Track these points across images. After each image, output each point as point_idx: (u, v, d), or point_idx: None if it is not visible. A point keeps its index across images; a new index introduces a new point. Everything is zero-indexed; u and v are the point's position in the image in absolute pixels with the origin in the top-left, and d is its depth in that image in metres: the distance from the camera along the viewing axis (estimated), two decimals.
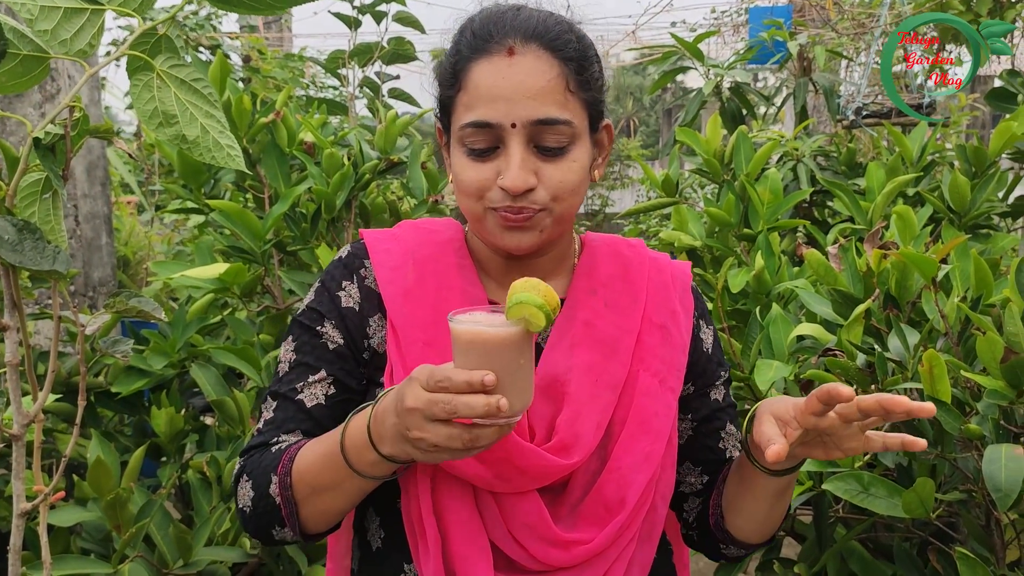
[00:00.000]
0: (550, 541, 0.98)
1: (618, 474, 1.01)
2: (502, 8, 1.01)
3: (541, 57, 0.96)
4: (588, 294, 1.07)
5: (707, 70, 3.39)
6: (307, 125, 2.51)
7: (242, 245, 2.34)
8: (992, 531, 1.56)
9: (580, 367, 1.03)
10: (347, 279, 1.09)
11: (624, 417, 1.03)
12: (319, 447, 0.97)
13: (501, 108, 0.95)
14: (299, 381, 1.06)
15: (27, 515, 1.31)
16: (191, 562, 1.69)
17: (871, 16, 3.83)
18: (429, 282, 1.05)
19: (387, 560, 1.05)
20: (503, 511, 0.98)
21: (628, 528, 1.01)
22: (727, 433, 1.16)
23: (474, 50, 0.98)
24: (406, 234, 1.12)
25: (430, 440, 0.81)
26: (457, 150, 1.00)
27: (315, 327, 1.08)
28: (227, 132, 1.28)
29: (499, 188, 0.97)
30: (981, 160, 2.43)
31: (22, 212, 1.23)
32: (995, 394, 1.34)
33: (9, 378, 1.26)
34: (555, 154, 0.97)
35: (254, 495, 1.01)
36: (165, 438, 2.09)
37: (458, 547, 0.97)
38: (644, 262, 1.12)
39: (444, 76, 1.02)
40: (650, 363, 1.05)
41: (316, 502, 0.97)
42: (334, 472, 0.94)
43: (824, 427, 0.89)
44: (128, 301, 1.23)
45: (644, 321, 1.07)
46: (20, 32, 1.17)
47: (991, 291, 1.59)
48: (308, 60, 4.43)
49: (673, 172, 2.47)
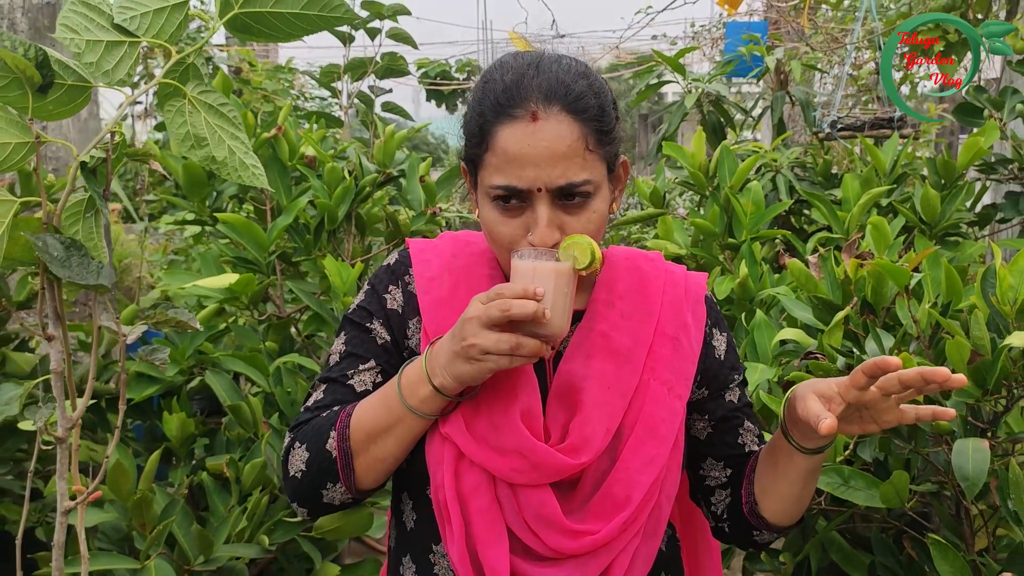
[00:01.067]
0: (560, 530, 1.06)
1: (626, 474, 1.09)
2: (522, 66, 1.07)
3: (563, 121, 1.03)
4: (606, 306, 1.16)
5: (688, 83, 3.51)
6: (308, 139, 2.60)
7: (247, 256, 2.43)
8: (962, 520, 1.68)
9: (594, 375, 1.11)
10: (393, 284, 1.20)
11: (633, 422, 1.11)
12: (375, 396, 1.10)
13: (528, 174, 1.03)
14: (350, 368, 1.17)
15: (67, 513, 1.39)
16: (211, 558, 1.78)
17: (844, 31, 3.98)
18: (462, 290, 1.15)
19: (419, 539, 1.16)
20: (519, 501, 1.07)
21: (633, 523, 1.09)
22: (745, 430, 1.25)
23: (498, 113, 1.05)
24: (445, 245, 1.22)
25: (481, 345, 0.96)
26: (486, 202, 1.09)
27: (365, 323, 1.19)
28: (251, 152, 1.37)
29: (528, 242, 1.06)
30: (950, 173, 2.57)
31: (67, 230, 1.32)
32: (963, 393, 1.46)
33: (54, 385, 1.34)
34: (577, 208, 1.06)
35: (308, 456, 1.10)
36: (176, 442, 2.17)
37: (479, 531, 1.07)
38: (660, 276, 1.20)
39: (471, 133, 1.09)
40: (660, 372, 1.13)
41: (371, 449, 1.08)
42: (389, 413, 1.07)
43: (866, 400, 0.99)
44: (167, 312, 1.32)
45: (657, 333, 1.15)
46: (64, 63, 1.26)
47: (960, 298, 1.71)
48: (300, 73, 4.52)
49: (660, 184, 2.58)
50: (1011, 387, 1.48)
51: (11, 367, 2.30)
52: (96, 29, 1.23)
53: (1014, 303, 1.47)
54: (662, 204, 2.61)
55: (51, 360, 1.34)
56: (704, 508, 1.28)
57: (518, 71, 1.07)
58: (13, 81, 1.20)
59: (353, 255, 2.65)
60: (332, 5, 1.29)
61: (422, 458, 1.11)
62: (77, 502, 1.38)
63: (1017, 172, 2.77)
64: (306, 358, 2.32)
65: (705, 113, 3.50)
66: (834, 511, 1.88)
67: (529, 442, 1.06)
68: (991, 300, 1.52)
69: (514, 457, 1.06)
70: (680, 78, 3.50)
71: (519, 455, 1.06)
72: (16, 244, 1.26)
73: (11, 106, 1.21)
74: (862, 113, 3.56)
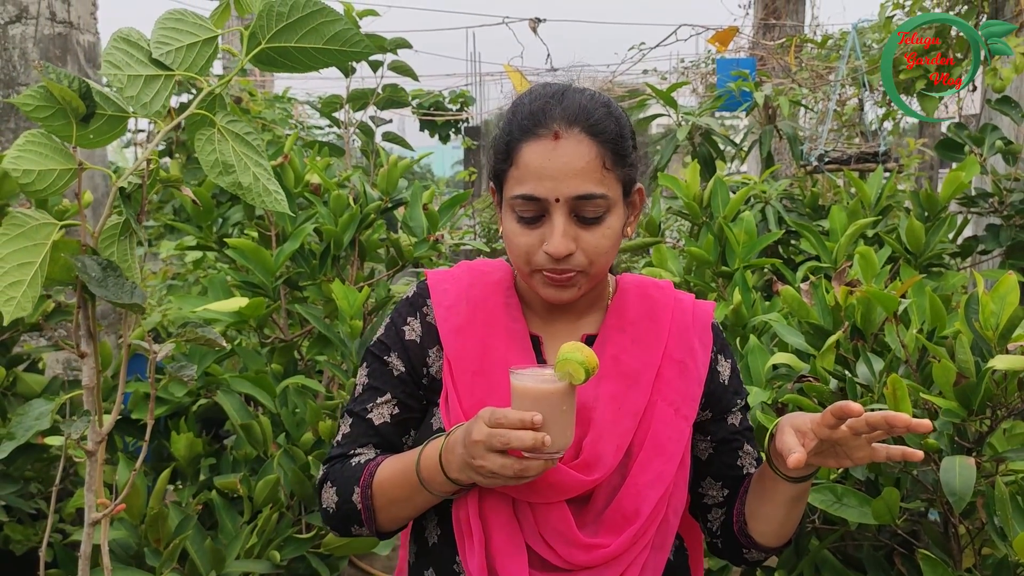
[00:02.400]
0: (575, 544, 1.13)
1: (635, 490, 1.15)
2: (549, 92, 1.16)
3: (582, 141, 1.11)
4: (617, 331, 1.23)
5: (679, 117, 3.62)
6: (314, 167, 2.68)
7: (253, 280, 2.49)
8: (950, 538, 1.76)
9: (605, 397, 1.17)
10: (411, 315, 1.27)
11: (642, 441, 1.17)
12: (397, 466, 1.17)
13: (547, 186, 1.10)
14: (369, 402, 1.26)
15: (95, 525, 1.44)
16: (223, 574, 1.82)
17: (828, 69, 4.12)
18: (479, 319, 1.22)
19: (441, 554, 1.21)
20: (536, 517, 1.14)
21: (642, 536, 1.15)
22: (744, 452, 1.31)
23: (524, 132, 1.13)
24: (463, 275, 1.28)
25: (488, 467, 1.01)
26: (508, 215, 1.16)
27: (383, 356, 1.26)
28: (273, 179, 1.44)
29: (544, 252, 1.12)
30: (933, 206, 2.67)
31: (103, 252, 1.38)
32: (950, 413, 1.54)
33: (85, 399, 1.40)
34: (592, 223, 1.13)
35: (338, 499, 1.21)
36: (184, 461, 2.22)
37: (499, 546, 1.13)
38: (669, 303, 1.27)
39: (498, 151, 1.18)
40: (667, 394, 1.20)
41: (391, 510, 1.18)
42: (408, 489, 1.14)
43: (836, 438, 1.06)
44: (197, 331, 1.38)
45: (665, 357, 1.22)
46: (104, 95, 1.33)
47: (944, 324, 1.80)
48: (299, 102, 4.62)
49: (656, 214, 2.67)
50: (995, 408, 1.56)
51: (21, 387, 2.35)
52: (136, 64, 1.30)
53: (996, 328, 1.55)
54: (658, 233, 2.70)
55: (83, 376, 1.40)
56: (701, 524, 1.35)
57: (544, 97, 1.15)
58: (58, 111, 1.27)
59: (356, 280, 2.72)
60: (352, 41, 1.37)
61: None
62: (104, 514, 1.43)
63: (997, 206, 2.88)
64: (310, 380, 2.38)
65: (696, 146, 3.61)
66: (826, 530, 1.95)
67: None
68: (974, 325, 1.60)
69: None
70: (672, 111, 3.62)
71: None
72: (55, 264, 1.32)
73: (56, 134, 1.28)
74: (847, 147, 3.68)
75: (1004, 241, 2.82)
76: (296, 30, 1.34)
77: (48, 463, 2.43)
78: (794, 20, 5.89)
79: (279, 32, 1.33)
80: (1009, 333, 1.56)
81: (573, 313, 1.26)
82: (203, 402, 2.37)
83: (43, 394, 2.28)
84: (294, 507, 2.14)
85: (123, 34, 1.31)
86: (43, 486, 2.45)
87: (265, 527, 1.94)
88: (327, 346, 2.55)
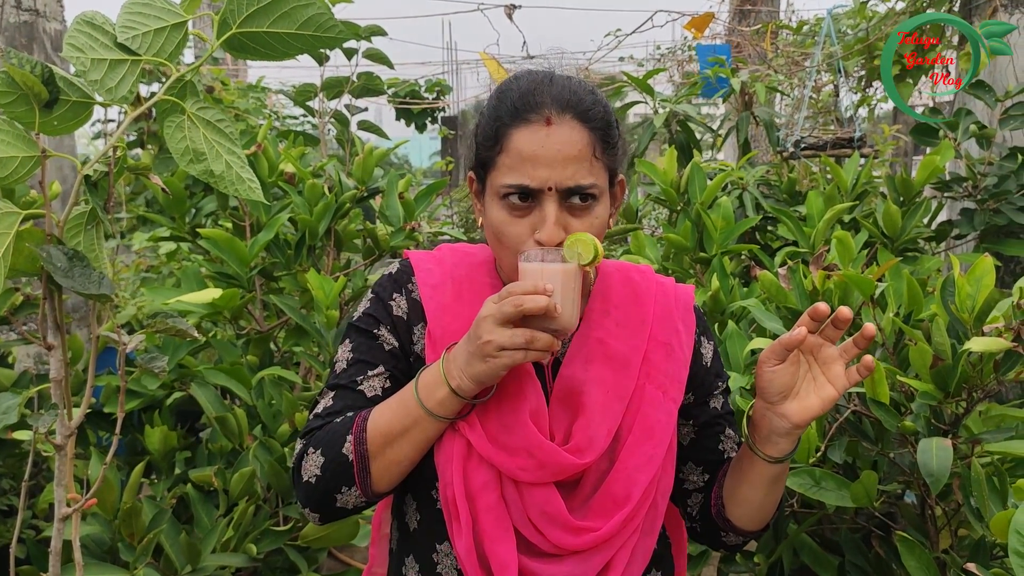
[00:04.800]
0: (564, 527, 1.11)
1: (624, 473, 1.14)
2: (538, 78, 1.14)
3: (574, 128, 1.10)
4: (602, 315, 1.21)
5: (656, 104, 3.62)
6: (288, 157, 2.64)
7: (227, 271, 2.46)
8: (927, 520, 1.77)
9: (594, 380, 1.16)
10: (396, 292, 1.24)
11: (631, 424, 1.16)
12: (392, 400, 1.13)
13: (540, 174, 1.09)
14: (359, 375, 1.20)
15: (65, 520, 1.42)
16: (199, 568, 1.79)
17: (804, 55, 4.12)
18: (465, 299, 1.20)
19: (423, 539, 1.20)
20: (524, 500, 1.12)
21: (632, 520, 1.14)
22: (725, 436, 1.30)
23: (514, 117, 1.11)
24: (446, 256, 1.27)
25: (497, 341, 1.00)
26: (495, 203, 1.13)
27: (372, 330, 1.22)
28: (247, 167, 1.42)
29: (534, 241, 1.11)
30: (908, 190, 2.68)
31: (69, 241, 1.35)
32: (926, 395, 1.54)
33: (53, 393, 1.37)
34: (582, 211, 1.12)
35: (323, 460, 1.13)
36: (158, 455, 2.19)
37: (486, 527, 1.11)
38: (651, 286, 1.26)
39: (485, 137, 1.14)
40: (655, 377, 1.19)
41: (387, 452, 1.11)
42: (406, 415, 1.10)
43: (810, 345, 1.06)
44: (167, 321, 1.36)
45: (650, 340, 1.21)
46: (69, 80, 1.30)
47: (921, 308, 1.80)
48: (273, 91, 4.56)
49: (633, 200, 2.66)
50: (971, 390, 1.57)
51: None
52: (100, 48, 1.27)
53: (972, 310, 1.55)
54: (635, 220, 2.69)
55: (51, 368, 1.36)
56: (680, 509, 1.34)
57: (534, 82, 1.13)
58: (20, 97, 1.23)
59: (332, 270, 2.69)
60: (326, 26, 1.34)
61: (430, 461, 1.15)
62: (74, 509, 1.40)
63: (971, 190, 2.90)
64: (287, 371, 2.35)
65: (673, 133, 3.60)
66: (805, 513, 1.95)
67: (537, 440, 1.11)
68: (951, 308, 1.61)
69: (522, 456, 1.11)
70: (648, 98, 3.61)
71: (527, 454, 1.11)
72: (20, 255, 1.29)
73: (18, 121, 1.25)
74: (823, 133, 3.69)
75: (978, 225, 2.84)
76: (268, 15, 1.31)
77: (20, 459, 2.39)
78: (770, 6, 5.89)
79: (250, 17, 1.30)
80: (985, 315, 1.56)
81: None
82: (178, 395, 2.34)
83: (12, 388, 2.24)
84: (271, 499, 2.11)
85: (87, 17, 1.28)
86: (15, 482, 2.41)
87: (241, 520, 1.91)
88: (303, 337, 2.52)
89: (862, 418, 1.73)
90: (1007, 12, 3.19)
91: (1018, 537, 1.25)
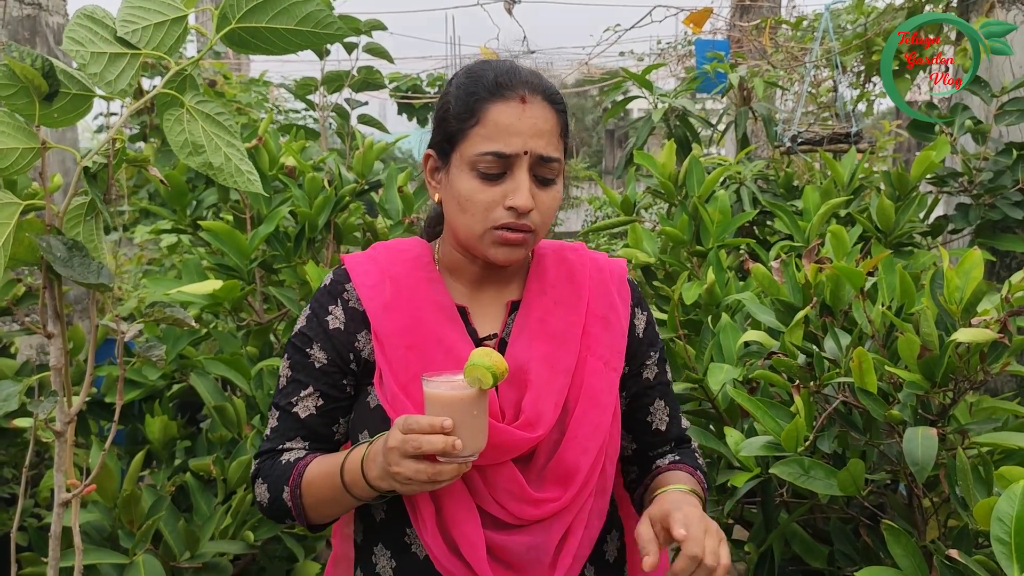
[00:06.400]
0: (525, 500, 1.18)
1: (575, 443, 1.21)
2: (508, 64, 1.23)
3: (545, 108, 1.20)
4: (539, 295, 1.28)
5: (655, 99, 3.63)
6: (289, 150, 2.67)
7: (228, 263, 2.48)
8: (914, 510, 1.79)
9: (538, 357, 1.22)
10: (332, 303, 1.28)
11: (577, 396, 1.23)
12: (323, 468, 1.19)
13: (516, 141, 1.16)
14: (293, 395, 1.27)
15: (64, 505, 1.44)
16: (197, 554, 1.82)
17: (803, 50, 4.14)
18: (404, 295, 1.24)
19: (389, 528, 1.25)
20: (485, 480, 1.17)
21: (586, 485, 1.21)
22: (655, 408, 1.38)
23: (492, 93, 1.18)
24: (380, 255, 1.31)
25: (404, 473, 1.04)
26: (466, 174, 1.19)
27: (305, 349, 1.27)
28: (246, 159, 1.44)
29: (504, 208, 1.17)
30: (904, 185, 2.70)
31: (69, 232, 1.38)
32: (913, 385, 1.56)
33: (53, 380, 1.40)
34: (547, 184, 1.21)
35: (270, 496, 1.24)
36: (159, 444, 2.21)
37: (450, 512, 1.17)
38: (586, 263, 1.33)
39: (459, 111, 1.20)
40: (595, 349, 1.26)
41: (320, 509, 1.22)
42: (334, 492, 1.17)
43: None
44: (165, 311, 1.38)
45: (588, 314, 1.28)
46: (69, 74, 1.32)
47: (913, 302, 1.82)
48: (275, 85, 4.58)
49: (631, 193, 2.68)
50: (958, 381, 1.59)
51: None
52: (100, 42, 1.29)
53: (960, 302, 1.57)
54: (632, 212, 2.71)
55: (51, 356, 1.39)
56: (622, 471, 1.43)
57: (508, 65, 1.22)
58: (21, 90, 1.26)
59: (332, 263, 2.72)
60: (325, 22, 1.37)
61: None
62: (73, 495, 1.43)
63: (967, 185, 2.91)
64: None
65: (672, 127, 3.62)
66: (795, 503, 1.98)
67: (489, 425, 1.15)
68: (939, 300, 1.63)
69: None
70: (647, 93, 3.62)
71: None
72: (20, 245, 1.32)
73: (18, 113, 1.27)
74: (821, 128, 3.70)
75: (973, 220, 2.85)
76: (267, 11, 1.34)
77: (22, 448, 2.42)
78: (770, 1, 5.90)
79: (250, 12, 1.33)
80: (972, 307, 1.58)
81: (498, 282, 1.31)
82: (178, 386, 2.37)
83: (13, 377, 2.26)
84: None
85: (87, 11, 1.30)
86: (17, 471, 2.44)
87: (239, 508, 1.94)
88: None
89: (852, 409, 1.75)
90: (1004, 9, 3.20)
91: (1000, 525, 1.28)
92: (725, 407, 1.98)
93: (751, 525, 2.09)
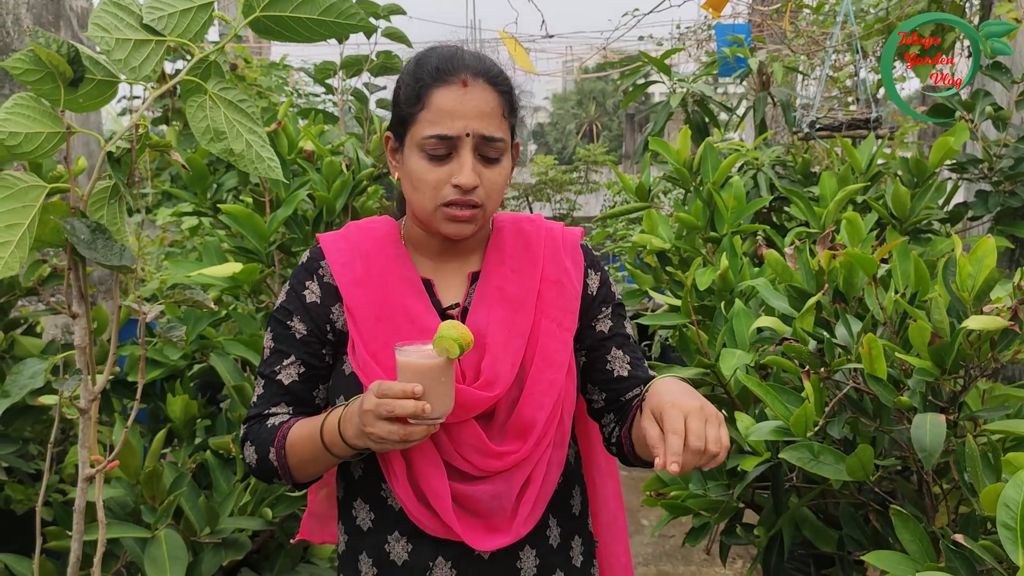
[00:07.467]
0: (487, 454, 1.27)
1: (532, 399, 1.30)
2: (452, 49, 1.30)
3: (487, 90, 1.26)
4: (498, 265, 1.37)
5: (673, 84, 3.63)
6: (307, 134, 2.69)
7: (247, 245, 2.52)
8: (924, 496, 1.80)
9: (496, 322, 1.31)
10: (308, 279, 1.37)
11: (532, 356, 1.32)
12: (304, 431, 1.28)
13: (459, 124, 1.24)
14: (276, 364, 1.36)
15: (88, 480, 1.49)
16: (217, 530, 1.87)
17: (824, 34, 4.10)
18: (373, 271, 1.34)
19: (366, 484, 1.35)
20: (450, 437, 1.27)
21: (544, 437, 1.31)
22: (612, 356, 1.43)
23: (435, 79, 1.26)
24: (352, 234, 1.40)
25: (377, 433, 1.12)
26: (416, 155, 1.27)
27: (286, 321, 1.36)
28: (267, 146, 1.47)
29: (451, 186, 1.25)
30: (921, 171, 2.69)
31: (93, 215, 1.41)
32: (923, 371, 1.57)
33: (78, 359, 1.44)
34: (492, 162, 1.28)
35: (257, 458, 1.33)
36: (180, 423, 2.26)
37: (419, 467, 1.26)
38: (541, 233, 1.41)
39: (407, 97, 1.28)
40: (549, 312, 1.35)
41: (303, 468, 1.30)
42: (315, 451, 1.26)
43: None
44: (185, 292, 1.42)
45: (543, 280, 1.36)
46: (94, 60, 1.35)
47: (927, 289, 1.82)
48: (294, 70, 4.61)
49: (646, 179, 2.69)
50: (968, 368, 1.60)
51: (19, 350, 2.39)
52: (125, 28, 1.32)
53: (972, 290, 1.58)
54: (647, 198, 2.72)
55: (76, 336, 1.43)
56: (601, 430, 1.48)
57: (450, 51, 1.29)
58: (47, 75, 1.29)
59: None
60: (348, 13, 1.41)
61: None
62: (97, 470, 1.47)
63: (987, 172, 2.89)
64: None
65: (690, 112, 3.61)
66: (806, 488, 1.99)
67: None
68: (951, 287, 1.63)
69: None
70: (666, 78, 3.62)
71: None
72: (45, 227, 1.35)
73: (44, 98, 1.30)
74: (842, 114, 3.68)
75: (993, 207, 2.84)
76: (291, 0, 1.37)
77: (47, 424, 2.48)
78: None
79: (274, 1, 1.36)
80: (984, 295, 1.58)
81: (460, 255, 1.39)
82: (198, 366, 2.41)
83: (39, 356, 2.32)
84: None
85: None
86: (43, 447, 2.49)
87: (258, 486, 1.98)
88: None
89: (863, 395, 1.76)
90: None
91: (1006, 510, 1.29)
92: (737, 392, 2.00)
93: (761, 509, 2.11)
